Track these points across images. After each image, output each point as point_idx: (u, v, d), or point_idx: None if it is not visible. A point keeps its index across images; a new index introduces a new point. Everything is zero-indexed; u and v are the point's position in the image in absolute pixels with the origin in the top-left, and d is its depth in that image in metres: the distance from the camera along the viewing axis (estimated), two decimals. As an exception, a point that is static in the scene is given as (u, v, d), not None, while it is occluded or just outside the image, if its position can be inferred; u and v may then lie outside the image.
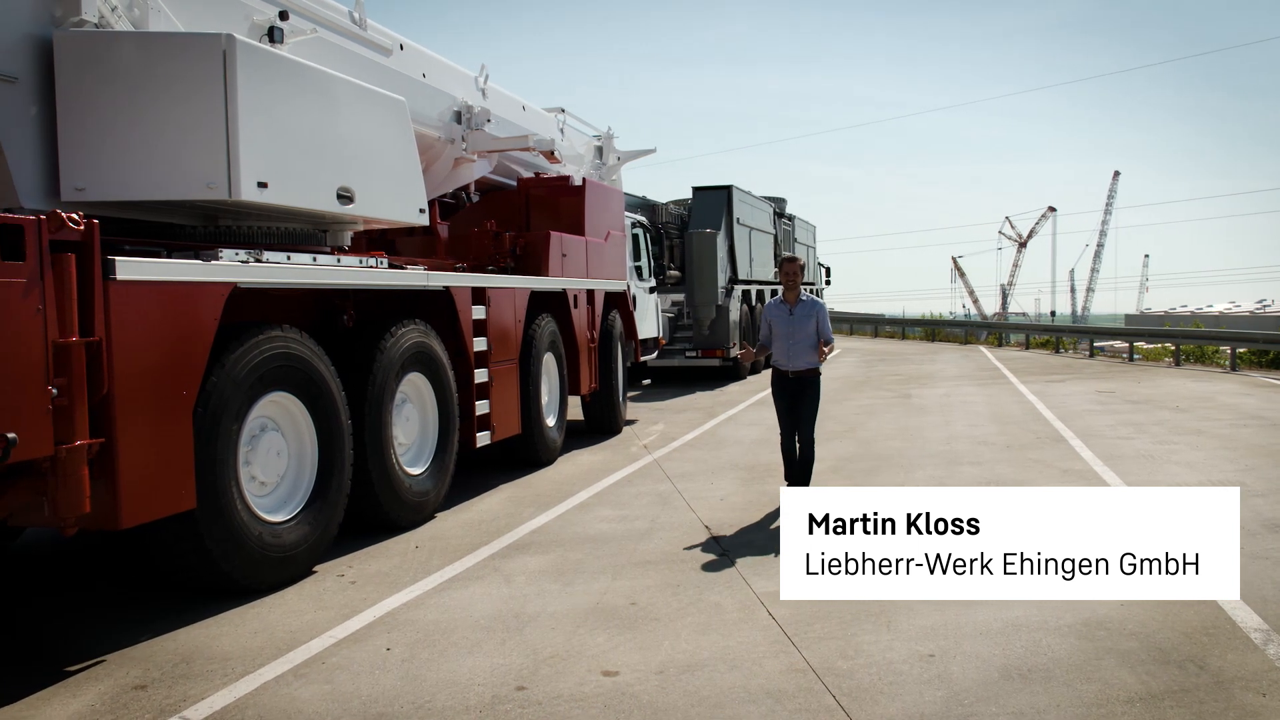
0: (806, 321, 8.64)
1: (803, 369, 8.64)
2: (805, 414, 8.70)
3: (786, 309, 8.69)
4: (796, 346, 8.61)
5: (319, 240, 8.00)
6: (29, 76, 5.97)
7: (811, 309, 8.68)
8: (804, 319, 8.64)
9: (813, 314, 8.65)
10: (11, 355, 4.89)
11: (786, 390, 8.75)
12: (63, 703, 4.88)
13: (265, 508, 6.74)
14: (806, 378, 8.68)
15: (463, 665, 5.24)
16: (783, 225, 29.77)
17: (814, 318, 8.65)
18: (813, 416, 8.75)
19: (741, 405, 17.22)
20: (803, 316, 8.64)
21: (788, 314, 8.66)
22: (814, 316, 8.65)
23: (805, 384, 8.68)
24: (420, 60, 10.06)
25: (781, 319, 8.69)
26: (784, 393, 8.77)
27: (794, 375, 8.66)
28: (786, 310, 8.68)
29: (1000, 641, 5.36)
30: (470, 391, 9.59)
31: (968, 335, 39.04)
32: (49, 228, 5.12)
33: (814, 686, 4.86)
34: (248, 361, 6.44)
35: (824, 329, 8.68)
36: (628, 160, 16.27)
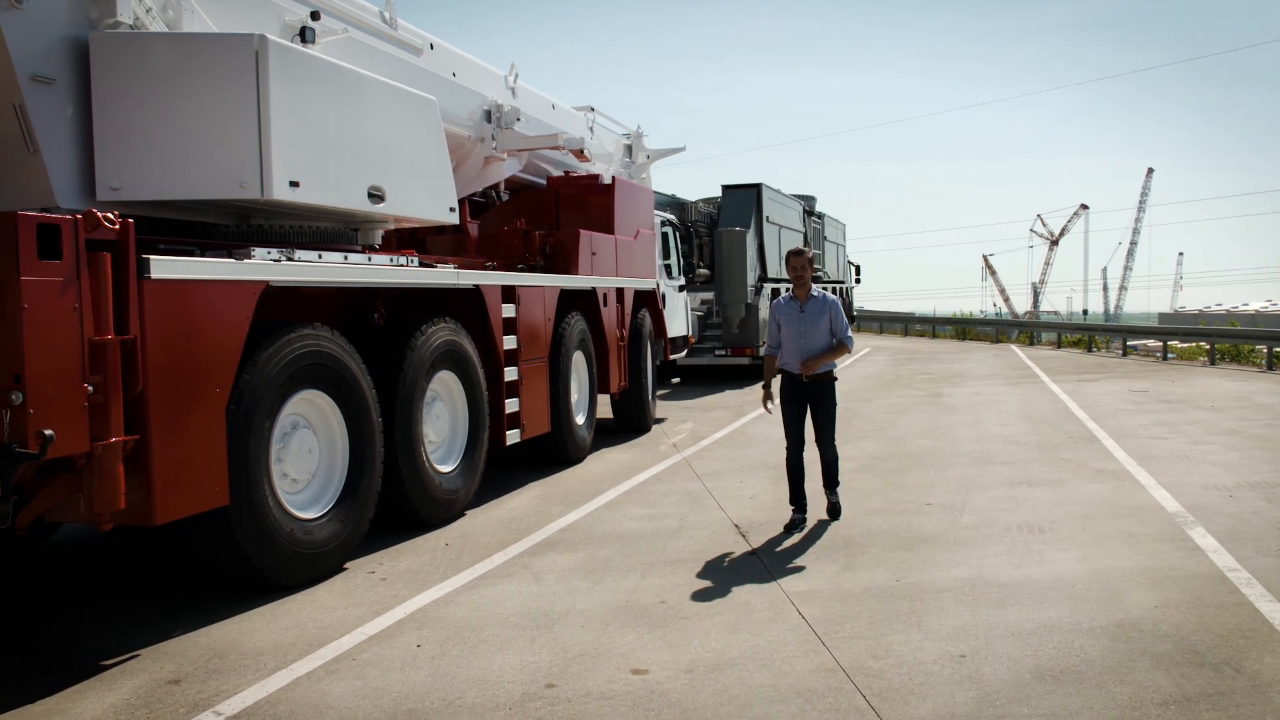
0: (819, 319, 7.92)
1: (817, 373, 7.94)
2: (823, 424, 8.03)
3: (796, 306, 7.99)
4: (809, 346, 7.91)
5: (350, 239, 8.04)
6: (66, 78, 6.03)
7: (824, 305, 7.95)
8: (816, 316, 7.92)
9: (825, 311, 7.93)
10: (49, 353, 4.95)
11: (799, 397, 8.03)
12: (98, 696, 4.94)
13: (297, 505, 6.79)
14: (821, 382, 7.99)
15: (493, 662, 5.25)
16: (812, 223, 29.68)
17: (826, 315, 7.93)
18: (831, 426, 8.06)
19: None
20: (815, 314, 7.92)
21: (798, 312, 7.96)
22: (826, 314, 7.93)
23: (820, 390, 8.00)
24: (450, 59, 10.09)
25: (791, 317, 7.99)
26: (796, 399, 8.04)
27: (808, 380, 7.95)
28: (796, 308, 7.99)
29: (1032, 642, 5.32)
30: (500, 389, 9.62)
31: (999, 334, 38.79)
32: (85, 227, 5.17)
33: (844, 686, 4.83)
34: (280, 359, 6.48)
35: (839, 327, 7.97)
36: (657, 159, 16.27)
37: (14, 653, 5.64)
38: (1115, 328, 35.01)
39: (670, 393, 19.54)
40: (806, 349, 7.89)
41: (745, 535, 7.74)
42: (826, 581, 6.54)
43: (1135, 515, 8.12)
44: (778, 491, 9.35)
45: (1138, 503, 8.59)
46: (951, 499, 8.93)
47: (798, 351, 7.93)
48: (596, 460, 11.69)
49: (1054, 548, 7.19)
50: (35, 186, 5.93)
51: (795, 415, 8.04)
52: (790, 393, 8.05)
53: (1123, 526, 7.75)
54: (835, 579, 6.59)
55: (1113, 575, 6.49)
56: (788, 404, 8.06)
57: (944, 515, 8.29)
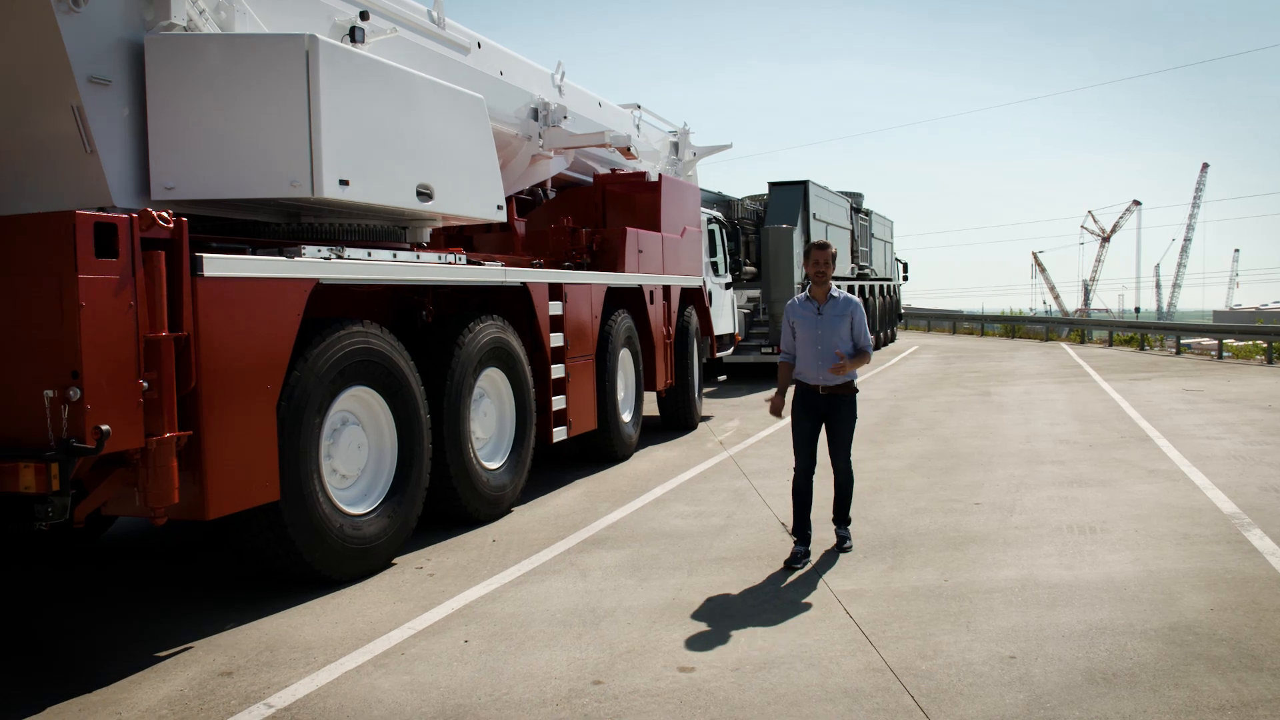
0: (838, 324, 7.00)
1: (835, 384, 7.02)
2: (839, 440, 7.12)
3: (813, 308, 7.08)
4: (827, 355, 6.97)
5: (398, 237, 8.10)
6: (121, 79, 6.13)
7: (845, 308, 7.05)
8: (835, 320, 7.00)
9: (846, 314, 7.02)
10: (105, 350, 5.04)
11: (814, 410, 7.09)
12: (153, 687, 5.02)
13: (346, 500, 6.85)
14: (840, 395, 7.07)
15: (539, 658, 5.27)
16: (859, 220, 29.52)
17: (847, 319, 7.01)
18: (848, 444, 7.15)
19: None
20: (834, 317, 7.01)
21: (814, 314, 7.05)
22: (847, 318, 7.01)
23: (838, 403, 7.07)
24: (498, 58, 10.14)
25: (807, 321, 7.08)
26: (810, 413, 7.10)
27: (824, 392, 7.04)
28: (813, 310, 7.07)
29: (1083, 645, 5.25)
30: (547, 387, 9.66)
31: (1049, 332, 38.34)
32: (140, 226, 5.26)
33: (892, 686, 4.80)
34: (330, 356, 6.55)
35: (860, 334, 7.06)
36: (703, 156, 16.24)
37: (73, 643, 5.75)
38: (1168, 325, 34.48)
39: (716, 390, 19.50)
40: (825, 357, 6.97)
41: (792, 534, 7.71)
42: (874, 581, 6.50)
43: (1190, 516, 7.98)
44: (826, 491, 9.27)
45: (1192, 504, 8.45)
46: (1001, 498, 8.83)
47: (813, 359, 7.02)
48: (643, 458, 11.70)
49: (1106, 549, 7.09)
50: (92, 186, 6.02)
51: (807, 430, 7.11)
52: (804, 405, 7.13)
53: (1177, 528, 7.63)
54: (883, 578, 6.54)
55: (1167, 577, 6.39)
56: (800, 417, 7.13)
57: (993, 515, 8.21)
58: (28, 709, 4.76)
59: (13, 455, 4.95)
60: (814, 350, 7.00)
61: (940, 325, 45.95)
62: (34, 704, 4.81)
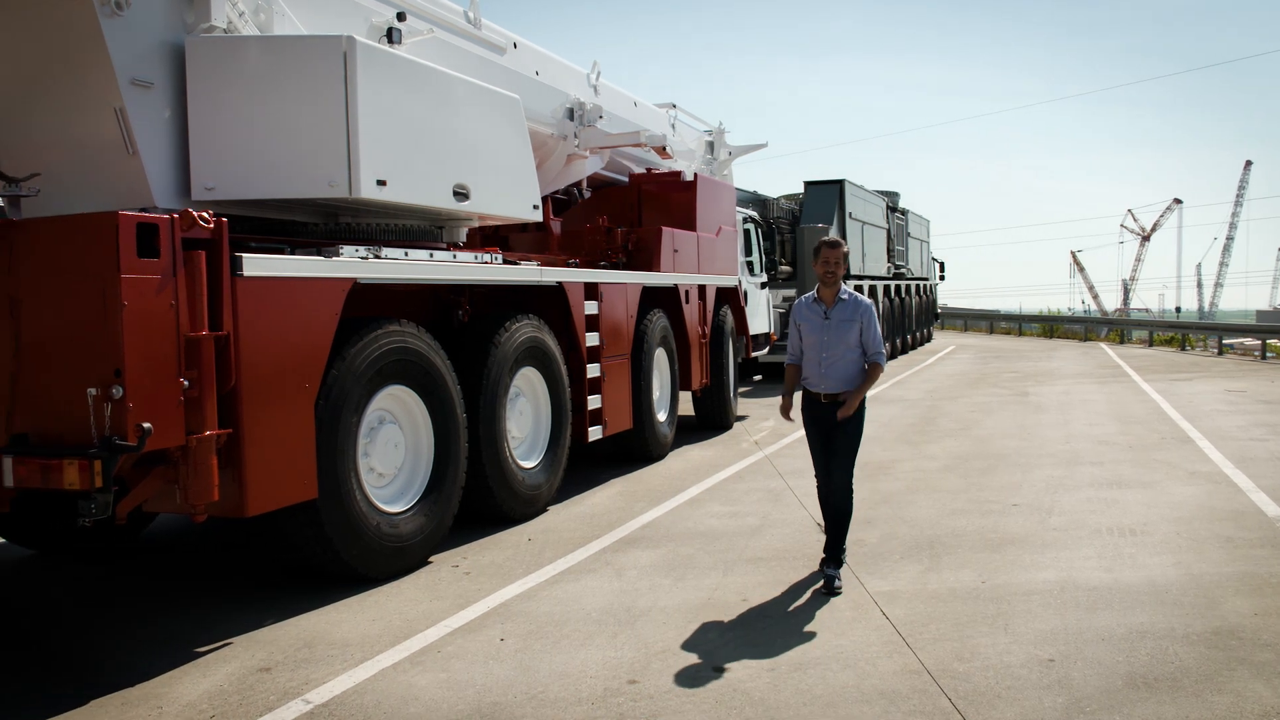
0: (847, 328, 6.48)
1: (837, 392, 6.50)
2: (840, 450, 6.52)
3: (820, 311, 6.56)
4: (833, 361, 6.48)
5: (435, 236, 8.14)
6: (163, 81, 6.20)
7: (854, 311, 6.50)
8: (844, 325, 6.48)
9: (855, 318, 6.48)
10: (147, 349, 5.10)
11: (818, 420, 6.62)
12: (194, 681, 5.07)
13: (383, 498, 6.90)
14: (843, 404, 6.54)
15: (575, 657, 5.28)
16: (895, 219, 29.37)
17: (857, 323, 6.47)
18: (849, 459, 6.54)
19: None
20: (842, 321, 6.49)
21: (821, 317, 6.54)
22: (857, 321, 6.47)
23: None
24: (533, 58, 10.16)
25: (814, 324, 6.57)
26: (816, 423, 6.64)
27: (828, 400, 6.54)
28: (820, 312, 6.56)
29: (1124, 648, 5.19)
30: (582, 386, 9.67)
31: (1087, 332, 37.99)
32: (181, 226, 5.32)
33: (929, 688, 4.77)
34: (367, 355, 6.59)
35: (870, 339, 6.49)
36: (739, 155, 16.21)
37: (115, 638, 5.82)
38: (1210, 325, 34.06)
39: (752, 390, 19.46)
40: (831, 364, 6.49)
41: (828, 534, 7.67)
42: (911, 582, 6.46)
43: (1233, 519, 7.87)
44: (861, 491, 9.22)
45: (1235, 506, 8.33)
46: (1039, 500, 8.75)
47: (819, 366, 6.53)
48: (678, 457, 11.69)
49: (1147, 551, 7.01)
50: (134, 187, 6.10)
51: (818, 440, 6.67)
52: (809, 415, 6.69)
53: (1219, 530, 7.52)
54: (920, 580, 6.50)
55: (1209, 581, 6.30)
56: (809, 427, 6.71)
57: (1031, 516, 8.13)
58: (71, 702, 4.82)
59: (57, 452, 5.02)
60: (819, 356, 6.52)
61: (977, 325, 45.64)
62: (77, 698, 4.88)
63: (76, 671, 5.29)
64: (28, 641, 5.86)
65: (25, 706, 4.82)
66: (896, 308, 28.45)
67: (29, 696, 4.97)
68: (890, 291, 27.61)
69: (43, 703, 4.84)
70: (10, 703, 4.91)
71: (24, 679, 5.25)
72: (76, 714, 4.71)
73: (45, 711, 4.73)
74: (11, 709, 4.82)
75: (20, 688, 5.13)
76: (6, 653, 5.67)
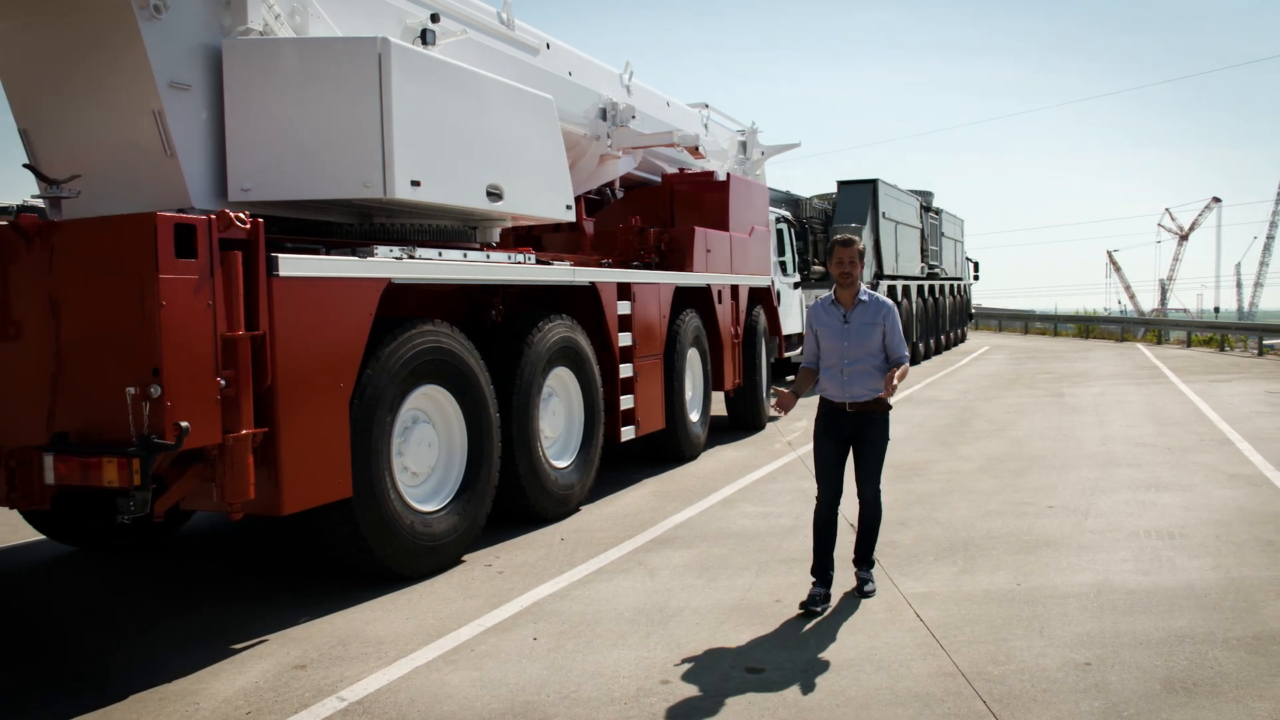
0: (868, 332, 6.06)
1: (864, 400, 6.08)
2: (867, 466, 6.18)
3: (839, 314, 6.15)
4: (855, 367, 6.05)
5: (469, 237, 8.18)
6: (200, 84, 6.27)
7: (876, 313, 6.10)
8: (865, 328, 6.07)
9: (878, 321, 6.08)
10: (185, 348, 5.15)
11: (840, 431, 6.17)
12: (229, 678, 5.12)
13: (417, 497, 6.93)
14: (870, 413, 6.12)
15: (608, 657, 5.29)
16: (929, 219, 29.20)
17: (879, 326, 6.07)
18: (877, 469, 6.21)
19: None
20: (863, 325, 6.08)
21: (840, 321, 6.12)
22: (879, 324, 6.07)
23: (867, 422, 6.13)
24: (566, 58, 10.18)
25: (832, 328, 6.14)
26: (835, 434, 6.18)
27: (852, 409, 6.12)
28: (839, 315, 6.14)
29: (1162, 652, 5.13)
30: (615, 386, 9.67)
31: (1124, 332, 37.61)
32: (218, 227, 5.37)
33: (963, 691, 4.73)
34: (401, 355, 6.62)
35: (894, 344, 6.09)
36: (771, 155, 16.17)
37: (152, 634, 5.88)
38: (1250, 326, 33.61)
39: (784, 390, 19.38)
40: (851, 373, 6.06)
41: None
42: (945, 584, 6.42)
43: (1273, 522, 7.76)
44: (894, 492, 9.19)
45: (1276, 509, 8.22)
46: (1075, 502, 8.67)
47: (839, 374, 6.10)
48: (710, 457, 11.67)
49: (1185, 555, 6.92)
50: (172, 188, 6.17)
51: (831, 454, 6.20)
52: (827, 426, 6.24)
53: (1260, 534, 7.42)
54: (954, 581, 6.46)
55: (1249, 585, 6.22)
56: (822, 437, 6.25)
57: (1067, 518, 8.06)
58: (110, 697, 4.88)
59: (97, 451, 5.08)
60: (840, 363, 6.08)
61: (1012, 325, 45.32)
62: (115, 692, 4.93)
63: (115, 666, 5.35)
64: (68, 637, 5.93)
65: (65, 699, 4.88)
66: (930, 308, 28.30)
67: (70, 690, 5.03)
68: (924, 291, 27.46)
69: (83, 697, 4.90)
70: (52, 695, 4.98)
71: (65, 673, 5.32)
72: (116, 708, 4.77)
73: (86, 706, 4.79)
74: (53, 702, 4.88)
75: (61, 682, 5.20)
76: (48, 648, 5.75)
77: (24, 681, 5.23)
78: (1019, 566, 6.73)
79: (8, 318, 5.48)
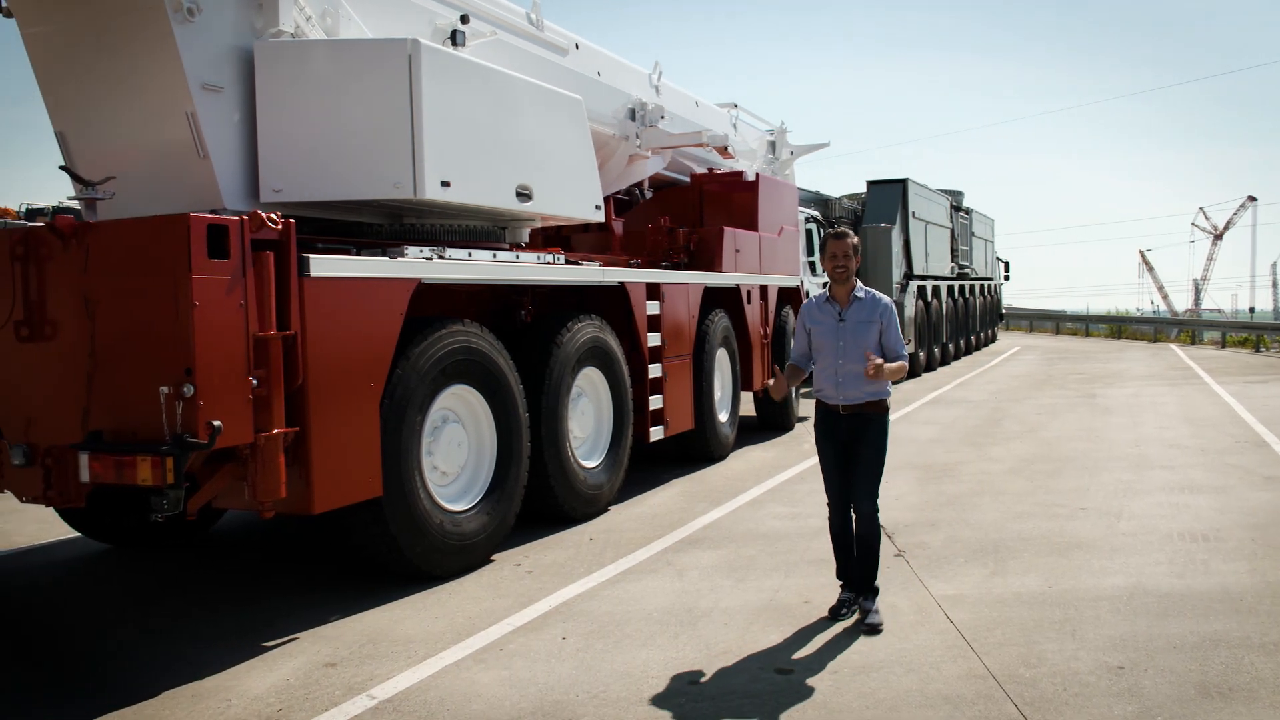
0: (864, 330, 5.74)
1: (859, 402, 5.73)
2: (862, 470, 5.78)
3: (834, 311, 5.84)
4: (850, 368, 5.70)
5: (498, 237, 8.20)
6: (232, 85, 6.31)
7: (873, 311, 5.79)
8: (861, 327, 5.75)
9: (874, 319, 5.77)
10: (217, 348, 5.19)
11: (836, 434, 5.86)
12: (260, 676, 5.15)
13: (446, 497, 6.95)
14: (866, 415, 5.75)
15: (637, 657, 5.29)
16: (959, 219, 29.02)
17: (876, 324, 5.76)
18: (873, 479, 5.80)
19: (915, 404, 16.84)
20: (859, 323, 5.76)
21: (835, 319, 5.81)
22: (876, 322, 5.76)
23: (862, 425, 5.76)
24: (595, 59, 10.19)
25: (827, 326, 5.83)
26: (830, 438, 5.90)
27: (846, 411, 5.78)
28: (834, 313, 5.84)
29: (1196, 656, 5.07)
30: (644, 386, 9.67)
31: (1157, 333, 37.22)
32: (250, 228, 5.40)
33: (994, 694, 4.70)
34: (431, 355, 6.65)
35: (893, 344, 5.77)
36: (800, 155, 16.12)
37: (185, 632, 5.93)
38: (1287, 326, 33.18)
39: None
40: (846, 373, 5.72)
41: (891, 537, 7.59)
42: (975, 586, 6.37)
43: (1310, 525, 7.67)
44: (923, 493, 9.15)
45: (1313, 511, 8.12)
46: (1107, 504, 8.59)
47: (832, 375, 5.78)
48: (739, 458, 11.65)
49: (1220, 558, 6.84)
50: (204, 189, 6.23)
51: (831, 458, 5.92)
52: (824, 429, 5.94)
53: (1296, 536, 7.33)
54: (984, 584, 6.42)
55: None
56: (822, 441, 5.98)
57: (1099, 520, 7.99)
58: (144, 693, 4.93)
59: (131, 449, 5.13)
60: (834, 364, 5.76)
61: (1043, 326, 44.99)
62: (150, 689, 4.98)
63: (148, 663, 5.40)
64: (102, 633, 5.99)
65: (100, 696, 4.93)
66: (960, 308, 28.14)
67: (104, 686, 5.08)
68: (954, 291, 27.31)
69: (117, 693, 4.95)
70: (88, 692, 5.03)
71: (99, 669, 5.37)
72: (149, 705, 4.81)
73: (119, 702, 4.84)
74: (88, 698, 4.93)
75: (95, 677, 5.25)
76: (82, 644, 5.81)
77: (59, 676, 5.30)
78: (1050, 569, 6.68)
79: (44, 318, 5.54)
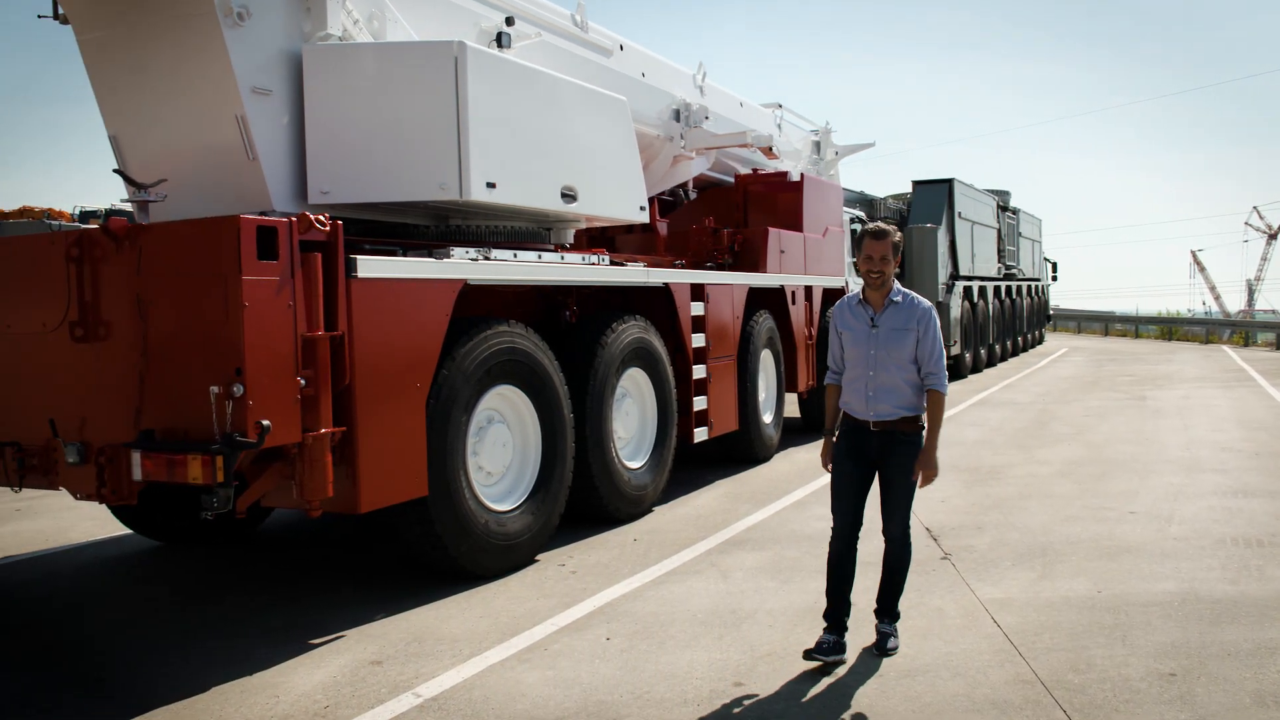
0: (900, 339, 5.13)
1: (892, 419, 5.15)
2: (894, 496, 5.25)
3: (867, 315, 5.22)
4: (882, 378, 5.13)
5: (543, 238, 8.23)
6: (281, 89, 6.39)
7: (910, 316, 5.15)
8: (896, 334, 5.14)
9: (911, 326, 5.12)
10: (267, 348, 5.25)
11: (861, 452, 5.24)
12: (308, 673, 5.21)
13: (491, 497, 6.98)
14: (898, 433, 5.17)
15: (681, 658, 5.28)
16: (1006, 219, 28.73)
17: (913, 332, 5.12)
18: (907, 501, 5.26)
19: (962, 405, 16.69)
20: (894, 330, 5.14)
21: (868, 325, 5.20)
22: (913, 330, 5.12)
23: (894, 444, 5.17)
24: (639, 60, 10.20)
25: (859, 333, 5.22)
26: (855, 455, 5.26)
27: (876, 427, 5.19)
28: (867, 317, 5.22)
29: (1251, 664, 4.98)
30: (688, 387, 9.66)
31: (1209, 334, 36.64)
32: (299, 229, 5.46)
33: (1042, 699, 4.64)
34: (476, 355, 6.68)
35: (929, 356, 5.12)
36: (845, 155, 16.05)
37: (233, 627, 6.00)
38: (1344, 327, 32.53)
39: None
40: (880, 384, 5.15)
41: (937, 539, 7.54)
42: (1023, 590, 6.30)
43: (1368, 530, 7.51)
44: (970, 495, 9.07)
45: (1371, 517, 7.95)
46: (1158, 507, 8.46)
47: (865, 386, 5.18)
48: (783, 459, 11.61)
49: (1275, 564, 6.72)
50: (254, 191, 6.30)
51: (851, 479, 5.28)
52: (848, 446, 5.30)
53: (1354, 542, 7.18)
54: (1032, 588, 6.34)
55: (1343, 594, 6.02)
56: (843, 459, 5.30)
57: (1149, 524, 7.87)
58: (194, 688, 5.00)
59: (182, 448, 5.20)
60: (865, 374, 5.18)
61: (1091, 327, 44.45)
62: (199, 684, 5.05)
63: (197, 658, 5.47)
64: (152, 629, 6.07)
65: (150, 692, 5.00)
66: (1007, 309, 27.87)
67: (154, 681, 5.15)
68: (1000, 292, 27.04)
69: (169, 687, 5.02)
70: (139, 688, 5.09)
71: (148, 664, 5.44)
72: (199, 699, 4.88)
73: (168, 696, 4.91)
74: (136, 694, 5.00)
75: (147, 673, 5.32)
76: (133, 639, 5.89)
77: (109, 671, 5.37)
78: (1099, 573, 6.59)
79: (98, 318, 5.63)
